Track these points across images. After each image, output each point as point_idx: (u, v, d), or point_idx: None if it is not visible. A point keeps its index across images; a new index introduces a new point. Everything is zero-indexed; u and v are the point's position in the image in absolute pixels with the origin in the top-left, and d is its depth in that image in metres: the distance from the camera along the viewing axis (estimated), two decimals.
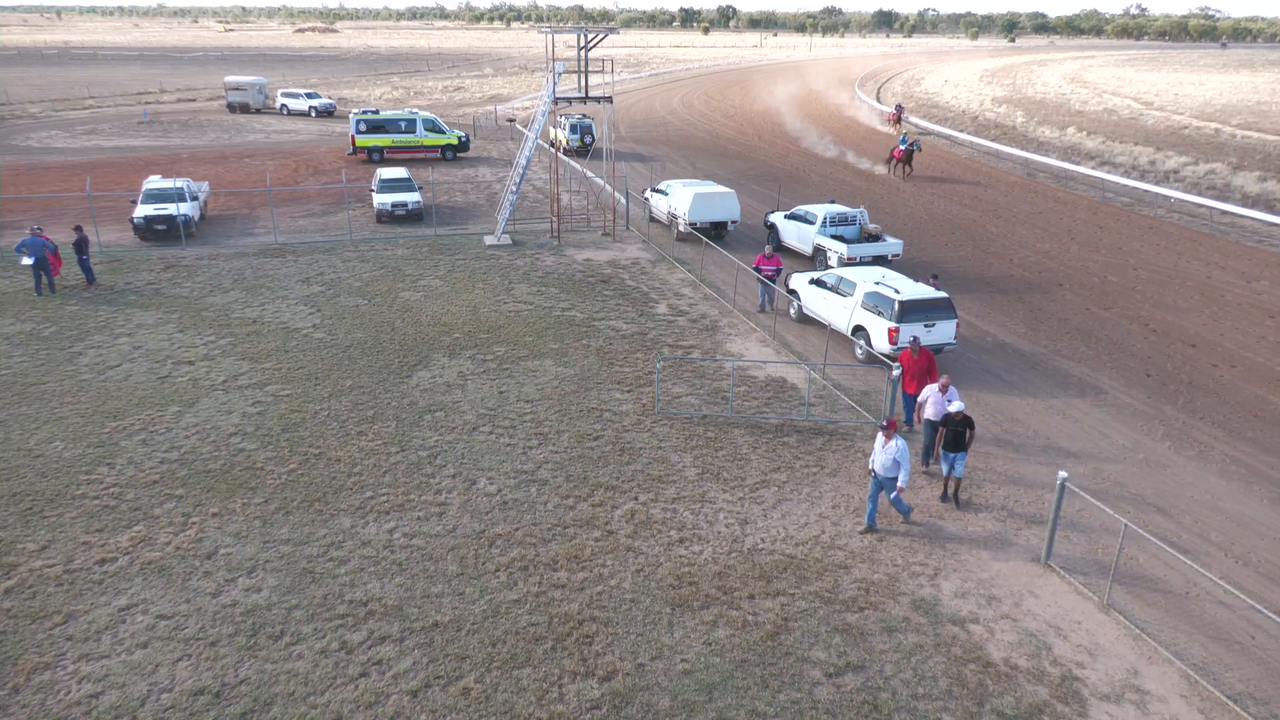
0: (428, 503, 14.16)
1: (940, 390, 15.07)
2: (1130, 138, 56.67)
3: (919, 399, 15.74)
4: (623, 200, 33.51)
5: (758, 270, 23.32)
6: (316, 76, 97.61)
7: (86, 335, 21.03)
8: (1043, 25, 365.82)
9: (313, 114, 65.55)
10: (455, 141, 45.93)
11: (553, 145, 44.58)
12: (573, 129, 48.20)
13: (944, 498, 14.75)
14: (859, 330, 20.21)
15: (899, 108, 63.42)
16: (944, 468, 14.62)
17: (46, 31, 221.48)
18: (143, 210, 29.00)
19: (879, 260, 26.23)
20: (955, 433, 14.22)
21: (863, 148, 52.96)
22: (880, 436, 13.56)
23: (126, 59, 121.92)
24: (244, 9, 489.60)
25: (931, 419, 15.33)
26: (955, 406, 14.14)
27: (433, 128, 45.26)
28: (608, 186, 36.19)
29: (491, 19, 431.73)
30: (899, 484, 13.57)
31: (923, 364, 16.57)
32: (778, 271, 23.38)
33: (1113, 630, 11.65)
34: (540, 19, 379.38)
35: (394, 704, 10.12)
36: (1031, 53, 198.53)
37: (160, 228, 28.95)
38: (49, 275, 23.55)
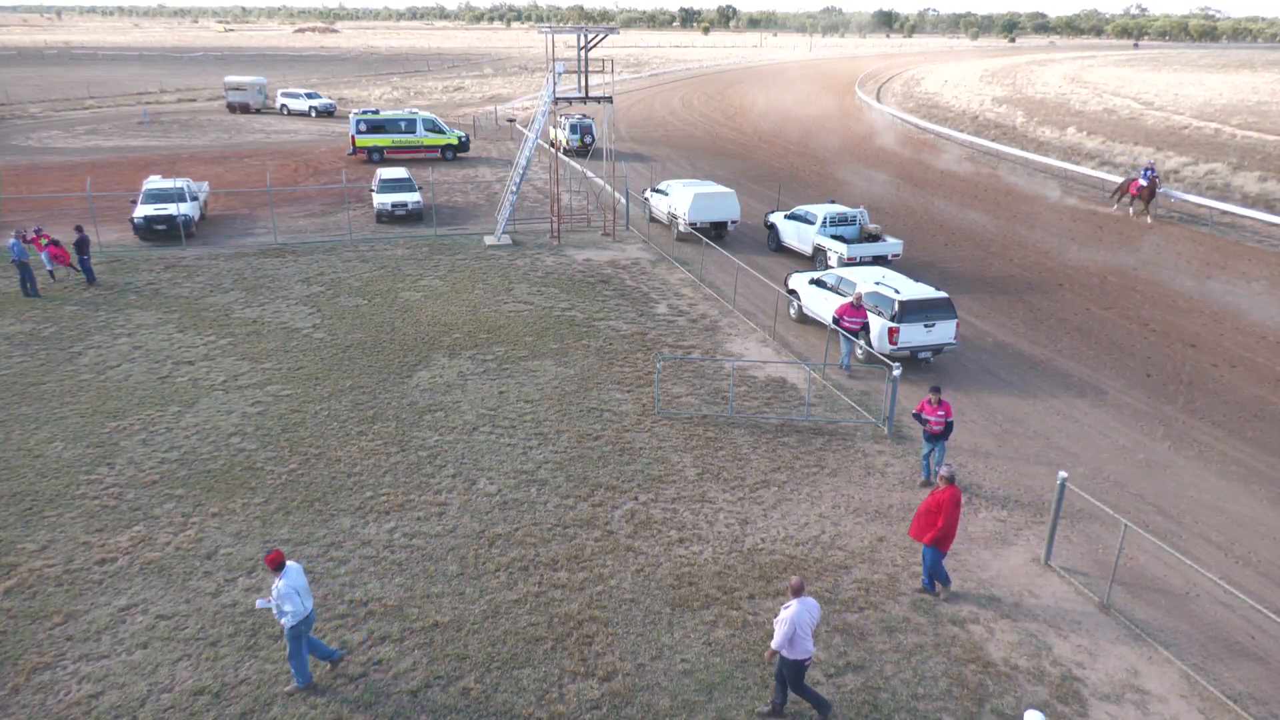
0: (428, 503, 14.16)
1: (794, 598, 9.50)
2: (1130, 138, 56.64)
3: (777, 617, 9.60)
4: (623, 200, 33.51)
5: (837, 322, 19.54)
6: (316, 76, 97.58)
7: (86, 335, 21.02)
8: (1043, 25, 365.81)
9: (313, 114, 65.54)
10: (455, 141, 45.94)
11: (553, 145, 44.60)
12: (573, 129, 48.21)
13: None
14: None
15: (1150, 171, 35.45)
16: None
17: (46, 31, 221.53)
18: (143, 210, 29.01)
19: (879, 260, 26.23)
20: None
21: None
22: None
23: (126, 59, 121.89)
24: (244, 9, 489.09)
25: (790, 658, 9.55)
26: None
27: (433, 128, 45.26)
28: (608, 186, 36.17)
29: (491, 19, 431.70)
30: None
31: (940, 502, 11.50)
32: (864, 326, 19.38)
33: (1113, 630, 11.64)
34: (540, 19, 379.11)
35: (394, 704, 10.12)
36: (1031, 53, 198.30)
37: (160, 228, 28.95)
38: (31, 280, 23.53)
